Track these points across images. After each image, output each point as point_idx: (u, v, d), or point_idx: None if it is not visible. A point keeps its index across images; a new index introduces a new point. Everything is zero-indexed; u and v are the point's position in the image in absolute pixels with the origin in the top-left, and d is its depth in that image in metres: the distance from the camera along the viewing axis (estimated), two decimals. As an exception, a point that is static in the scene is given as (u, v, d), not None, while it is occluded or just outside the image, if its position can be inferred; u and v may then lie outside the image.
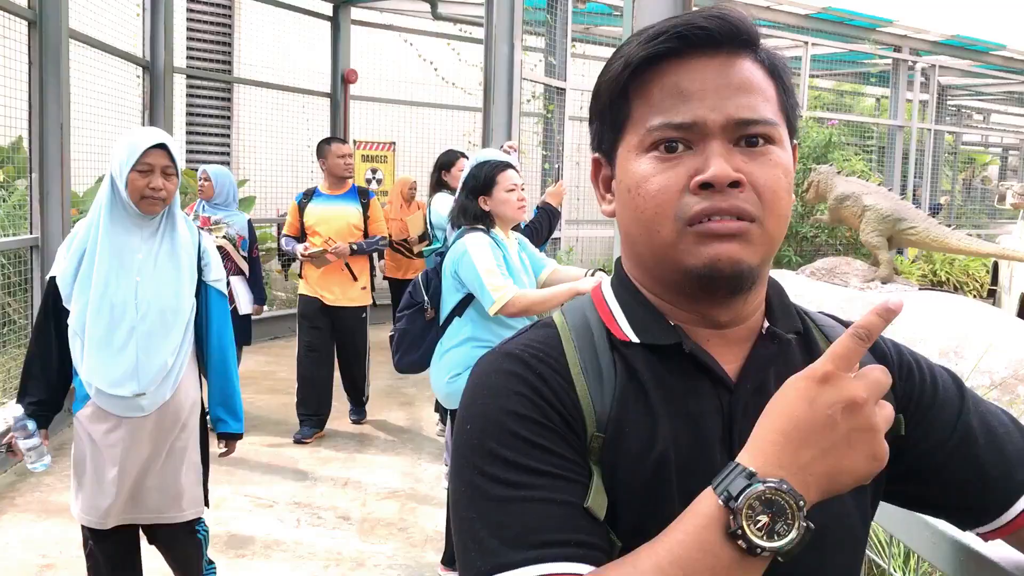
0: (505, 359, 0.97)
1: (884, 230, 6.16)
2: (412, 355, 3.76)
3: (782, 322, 1.06)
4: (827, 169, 6.71)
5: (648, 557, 0.81)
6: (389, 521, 4.63)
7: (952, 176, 17.41)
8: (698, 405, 0.98)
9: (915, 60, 12.32)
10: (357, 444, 5.88)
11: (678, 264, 0.95)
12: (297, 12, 10.22)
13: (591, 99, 1.05)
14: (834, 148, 10.26)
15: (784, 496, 0.79)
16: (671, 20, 0.97)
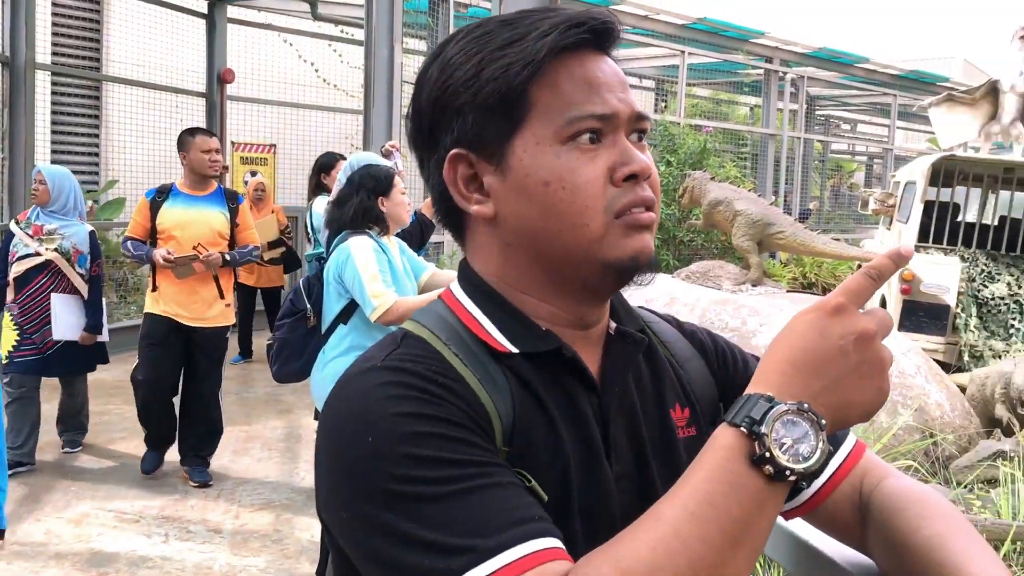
0: (389, 372, 0.87)
1: (754, 234, 6.38)
2: (293, 364, 3.64)
3: (627, 322, 1.05)
4: (701, 175, 6.90)
5: (672, 505, 0.78)
6: (263, 533, 4.50)
7: (821, 182, 18.18)
8: (582, 412, 0.96)
9: (785, 71, 12.82)
10: (231, 454, 5.71)
11: (600, 258, 0.93)
12: (170, 9, 9.89)
13: (450, 90, 0.94)
14: (709, 155, 10.58)
15: (806, 416, 0.79)
16: (577, 13, 0.95)
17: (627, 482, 0.98)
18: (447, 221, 1.02)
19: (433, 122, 0.96)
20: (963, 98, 8.77)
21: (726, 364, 1.14)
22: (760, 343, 5.56)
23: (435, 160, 0.97)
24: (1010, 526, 3.47)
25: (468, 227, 0.99)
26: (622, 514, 0.94)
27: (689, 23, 11.24)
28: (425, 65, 0.99)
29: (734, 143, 13.04)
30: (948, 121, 8.72)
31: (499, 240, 0.96)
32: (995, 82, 8.59)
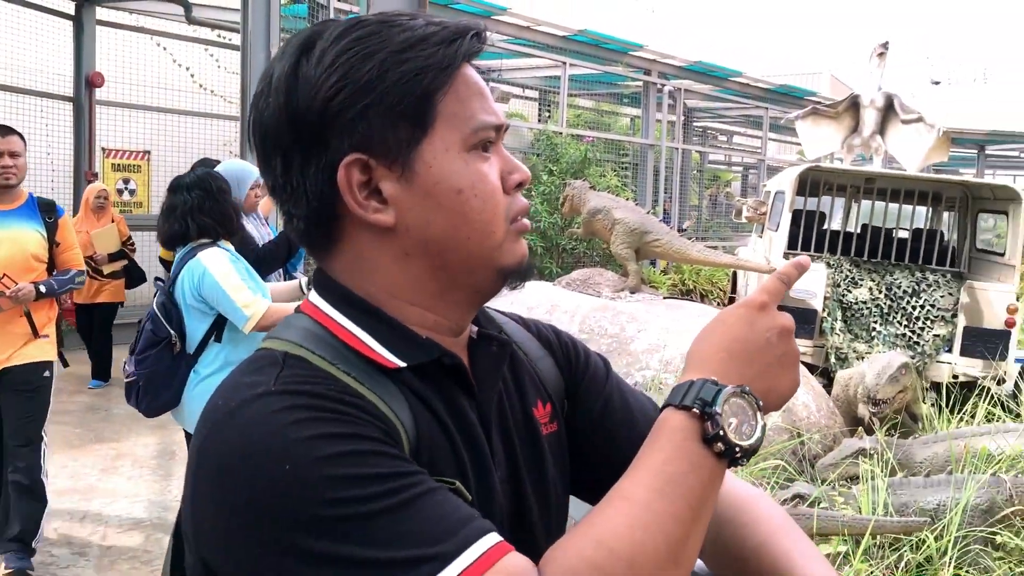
0: (289, 397, 0.81)
1: (632, 242, 6.51)
2: (166, 395, 3.37)
3: (487, 325, 1.06)
4: (580, 184, 7.00)
5: (639, 485, 0.81)
6: (132, 554, 4.33)
7: (699, 192, 18.73)
8: (470, 420, 0.95)
9: (663, 83, 13.17)
10: (99, 473, 5.47)
11: (497, 264, 0.94)
12: (35, 9, 9.44)
13: (349, 91, 0.89)
14: (591, 164, 10.76)
15: (747, 398, 0.86)
16: (467, 22, 0.95)
17: (504, 485, 0.98)
18: (318, 231, 0.94)
19: (324, 124, 0.89)
20: (827, 112, 9.19)
21: (570, 359, 1.16)
22: (638, 348, 5.68)
23: (319, 165, 0.91)
24: (870, 521, 3.63)
25: (345, 238, 0.94)
26: (501, 515, 0.95)
27: (570, 35, 11.42)
28: (289, 62, 0.91)
29: (615, 153, 13.30)
30: (813, 133, 9.12)
31: (394, 250, 0.93)
32: (856, 97, 9.04)
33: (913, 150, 8.79)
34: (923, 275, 7.51)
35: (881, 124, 8.86)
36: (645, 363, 5.59)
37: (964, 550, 3.74)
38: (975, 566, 3.70)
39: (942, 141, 8.74)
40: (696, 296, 12.00)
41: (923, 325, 7.30)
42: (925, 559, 3.73)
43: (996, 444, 4.65)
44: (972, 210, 8.32)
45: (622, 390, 1.17)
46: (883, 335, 7.31)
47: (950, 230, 8.66)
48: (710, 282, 12.32)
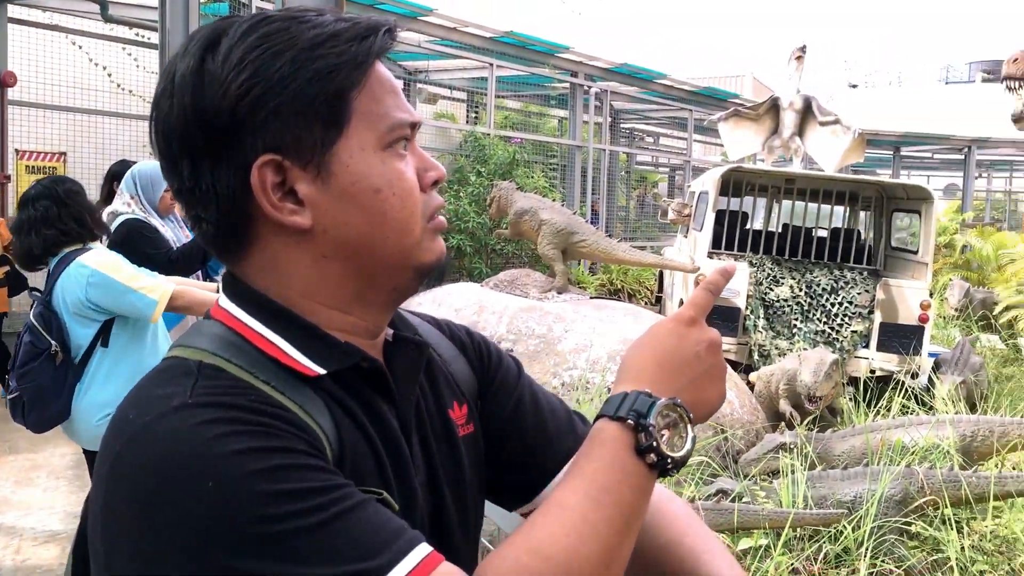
0: (209, 409, 0.78)
1: (558, 243, 6.55)
2: (53, 408, 3.20)
3: (402, 327, 1.05)
4: (507, 185, 7.02)
5: (574, 494, 0.83)
6: (48, 567, 4.19)
7: (627, 193, 18.93)
8: (391, 426, 0.94)
9: (590, 85, 13.27)
10: (12, 485, 5.29)
11: (415, 263, 0.94)
12: (-60, 5, 9.09)
13: (261, 89, 0.86)
14: (519, 165, 10.80)
15: (678, 410, 0.89)
16: (378, 18, 0.94)
17: (423, 489, 0.98)
18: (230, 234, 0.91)
19: (235, 124, 0.86)
20: (748, 114, 9.38)
21: (483, 359, 1.16)
22: (565, 348, 5.72)
23: (231, 167, 0.87)
24: (789, 514, 3.72)
25: (258, 241, 0.91)
26: (422, 521, 0.95)
27: (497, 36, 11.44)
28: (194, 60, 0.88)
29: (543, 154, 13.37)
30: (735, 135, 9.30)
31: (311, 252, 0.90)
32: (776, 99, 9.24)
33: (831, 151, 9.02)
34: (841, 273, 7.71)
35: (800, 126, 9.07)
36: (572, 363, 5.63)
37: (880, 540, 3.85)
38: (890, 555, 3.82)
39: (858, 142, 8.99)
40: (624, 296, 12.12)
41: (842, 322, 7.50)
42: (843, 550, 3.84)
43: (910, 436, 4.80)
44: (887, 209, 8.58)
45: (534, 391, 1.17)
46: (804, 332, 7.48)
47: (867, 229, 8.91)
48: (638, 282, 12.46)
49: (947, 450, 4.59)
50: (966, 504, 4.14)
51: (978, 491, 4.08)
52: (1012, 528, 3.97)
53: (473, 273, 9.75)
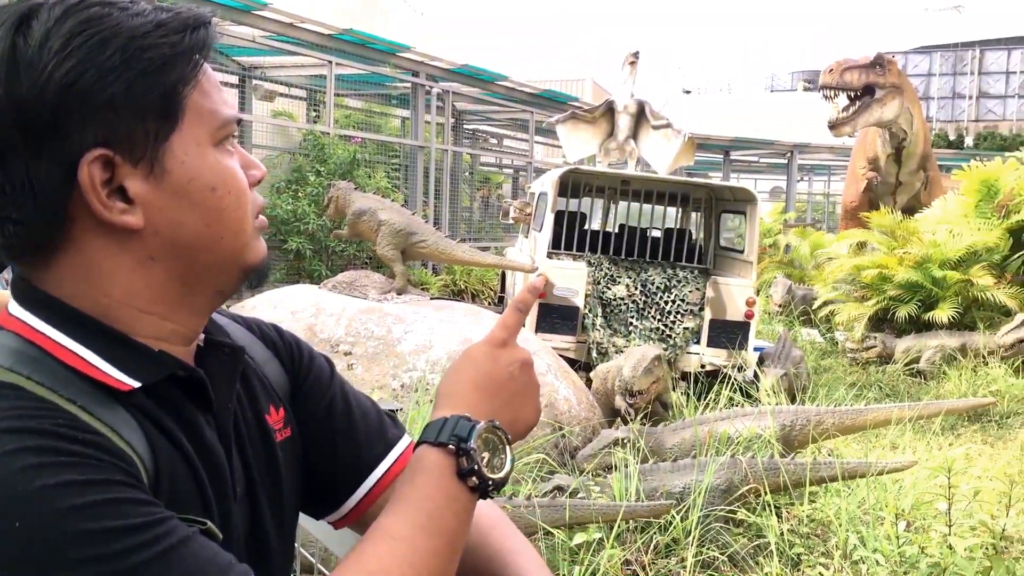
0: (11, 437, 0.71)
1: (398, 243, 6.49)
2: None
3: (216, 331, 1.00)
4: (345, 185, 6.90)
5: (402, 522, 0.83)
6: None
7: (471, 194, 19.04)
8: (208, 439, 0.88)
9: (432, 85, 13.25)
10: None
11: (243, 263, 0.90)
12: None
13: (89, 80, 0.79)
14: (359, 165, 10.65)
15: (497, 432, 0.90)
16: (199, 10, 0.87)
17: (241, 503, 0.93)
18: (42, 235, 0.82)
19: (59, 116, 0.78)
20: (585, 116, 9.61)
21: (294, 359, 1.13)
22: (405, 349, 5.67)
23: (53, 162, 0.79)
24: (620, 507, 3.80)
25: (72, 243, 0.83)
26: (238, 537, 0.91)
27: (336, 33, 11.25)
28: (2, 46, 0.79)
29: (385, 154, 13.25)
30: (573, 137, 9.51)
31: (135, 255, 0.84)
32: (611, 103, 9.51)
33: (663, 154, 9.36)
34: (674, 272, 7.99)
35: (634, 129, 9.36)
36: (412, 364, 5.59)
37: (707, 528, 4.00)
38: (716, 543, 3.97)
39: (688, 146, 9.36)
40: (467, 296, 12.17)
41: (674, 319, 7.77)
42: (672, 540, 3.96)
43: (735, 428, 5.02)
44: (716, 210, 8.97)
45: (345, 393, 1.14)
46: (639, 329, 7.71)
47: (698, 229, 9.28)
48: (481, 282, 12.53)
49: (768, 440, 4.82)
50: (785, 490, 4.36)
51: (795, 477, 4.31)
52: (826, 512, 4.20)
53: (313, 275, 9.54)
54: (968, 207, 10.04)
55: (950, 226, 9.90)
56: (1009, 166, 10.27)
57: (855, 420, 5.28)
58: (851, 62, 10.68)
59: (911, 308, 9.21)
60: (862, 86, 10.51)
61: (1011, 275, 9.50)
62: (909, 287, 9.33)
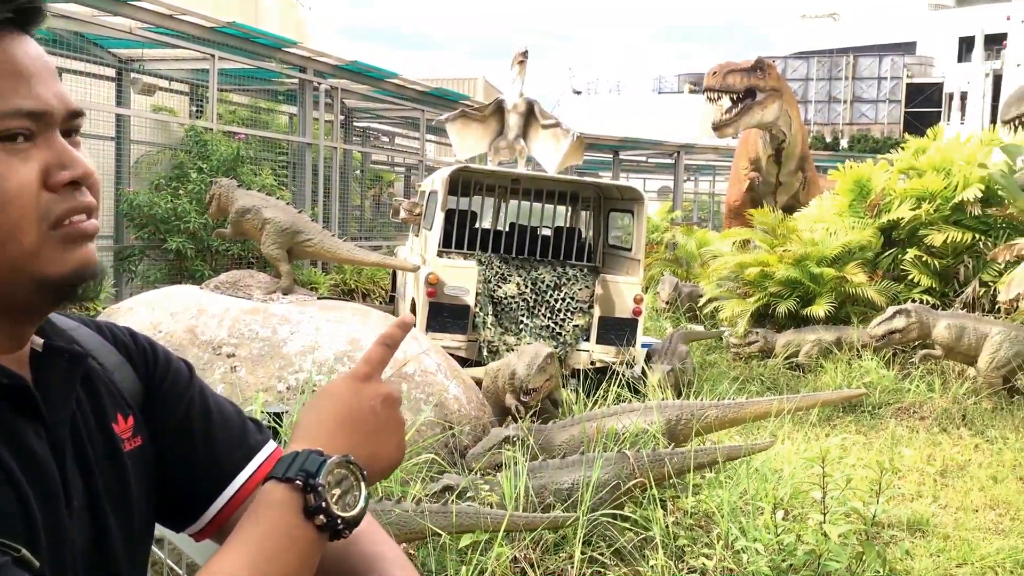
0: None
1: (283, 242, 6.35)
2: None
3: (57, 336, 0.93)
4: (228, 182, 6.71)
5: (239, 564, 0.76)
6: None
7: (362, 192, 18.80)
8: (35, 452, 0.81)
9: (320, 82, 13.02)
10: None
11: (36, 275, 0.80)
12: None
13: None
14: (244, 162, 10.38)
15: (351, 468, 0.86)
16: None
17: (81, 517, 0.86)
18: None
19: None
20: (475, 115, 9.60)
21: (147, 363, 1.06)
22: (291, 351, 5.54)
23: None
24: (505, 516, 3.78)
25: None
26: (77, 552, 0.84)
27: (219, 27, 10.92)
28: None
29: (272, 151, 12.94)
30: (462, 135, 9.49)
31: None
32: (501, 101, 9.53)
33: (552, 153, 9.43)
34: (564, 270, 8.06)
35: (524, 128, 9.40)
36: (299, 366, 5.47)
37: (595, 524, 4.04)
38: (603, 538, 4.01)
39: (577, 145, 9.46)
40: (358, 296, 12.02)
41: (564, 316, 7.84)
42: (561, 537, 3.98)
43: (622, 423, 5.09)
44: (604, 209, 9.09)
45: (205, 397, 1.08)
46: (530, 327, 7.75)
47: (587, 228, 9.40)
48: (372, 281, 12.39)
49: (655, 434, 4.91)
50: (669, 479, 4.45)
51: (679, 467, 4.40)
52: (709, 504, 4.30)
53: (196, 276, 9.24)
54: (843, 206, 10.48)
55: (827, 225, 10.31)
56: (880, 167, 10.77)
57: (737, 413, 5.42)
58: (733, 65, 10.99)
59: (791, 304, 9.55)
60: (744, 89, 10.83)
61: (882, 272, 9.95)
62: (789, 284, 9.67)
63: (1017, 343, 7.56)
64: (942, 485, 5.76)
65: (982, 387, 7.69)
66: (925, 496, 5.53)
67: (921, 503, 5.39)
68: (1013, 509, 5.31)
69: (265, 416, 4.63)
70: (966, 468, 6.09)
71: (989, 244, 9.43)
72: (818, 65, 53.49)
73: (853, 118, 52.55)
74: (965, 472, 6.01)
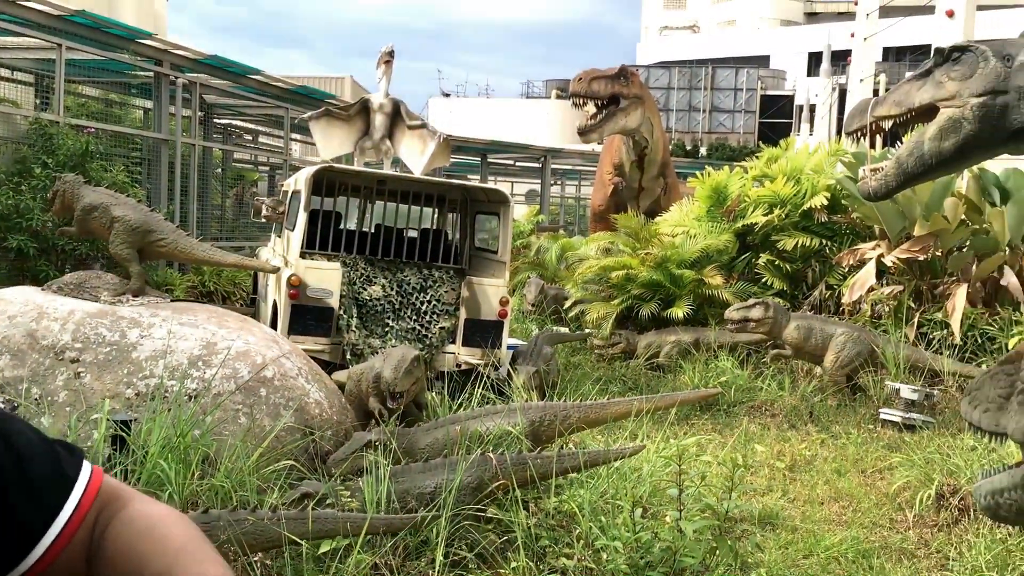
0: None
1: (133, 242, 6.05)
2: None
3: None
4: (73, 178, 6.35)
5: None
6: None
7: (224, 191, 18.20)
8: None
9: (177, 75, 12.52)
10: None
11: None
12: None
13: None
14: (93, 158, 9.87)
15: None
16: None
17: None
18: None
19: None
20: (340, 114, 9.43)
21: None
22: (141, 355, 5.29)
23: None
24: (365, 520, 3.70)
25: None
26: None
27: (66, 15, 10.35)
28: None
29: (126, 147, 12.35)
30: (327, 135, 9.30)
31: None
32: (367, 101, 9.39)
33: (419, 154, 9.37)
34: (430, 272, 8.01)
35: (390, 129, 9.30)
36: (149, 371, 5.22)
37: (457, 527, 4.01)
38: (466, 541, 3.99)
39: (443, 147, 9.42)
40: (218, 298, 11.61)
41: (430, 319, 7.79)
42: (422, 541, 3.94)
43: (486, 426, 5.08)
44: (471, 212, 9.09)
45: (11, 444, 0.98)
46: (395, 330, 7.66)
47: (453, 230, 9.37)
48: (232, 283, 12.00)
49: (518, 436, 4.92)
50: (533, 484, 4.46)
51: (542, 470, 4.42)
52: (572, 504, 4.34)
53: (39, 276, 8.70)
54: (701, 212, 10.83)
55: (686, 229, 10.64)
56: (735, 175, 11.19)
57: (599, 414, 5.51)
58: (598, 72, 11.19)
59: (652, 306, 9.80)
60: (608, 95, 11.03)
61: (737, 275, 10.34)
62: (651, 286, 9.92)
63: (859, 343, 7.98)
64: (791, 480, 6.01)
65: (828, 385, 8.09)
66: (775, 490, 5.75)
67: (771, 497, 5.60)
68: (855, 501, 5.59)
69: (111, 424, 4.40)
70: (813, 463, 6.38)
71: (834, 249, 9.94)
72: (679, 75, 55.29)
73: (711, 127, 54.58)
74: (812, 466, 6.29)
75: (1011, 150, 6.69)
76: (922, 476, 5.49)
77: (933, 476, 5.40)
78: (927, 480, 5.40)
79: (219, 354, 5.38)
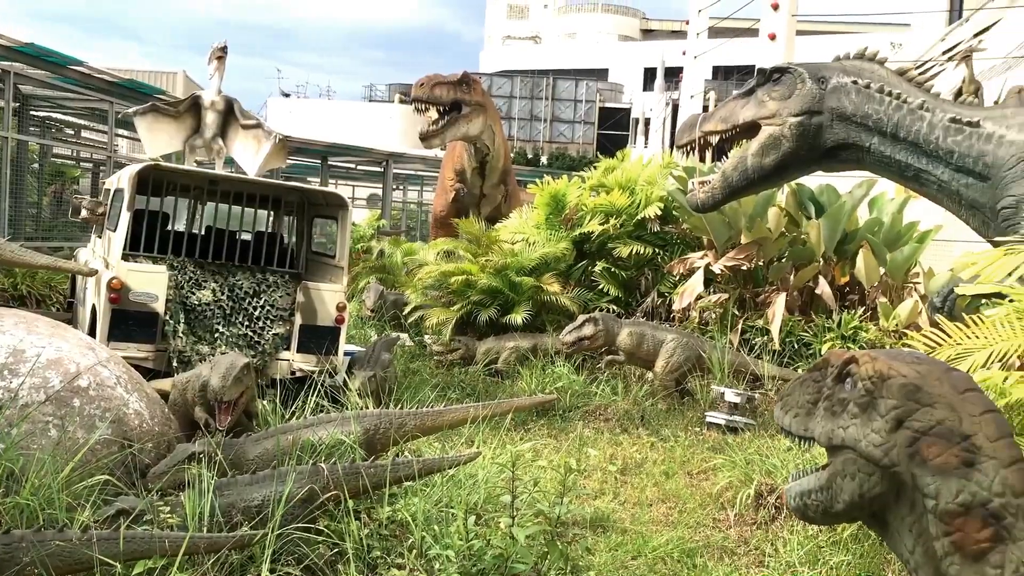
0: None
1: (-70, 241, 5.56)
2: None
3: None
4: None
5: None
6: None
7: (40, 188, 17.06)
8: None
9: (-12, 63, 11.65)
10: None
11: None
12: None
13: None
14: None
15: None
16: None
17: None
18: None
19: None
20: (168, 111, 9.00)
21: None
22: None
23: None
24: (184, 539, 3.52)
25: None
26: None
27: None
28: None
29: (-73, 138, 11.38)
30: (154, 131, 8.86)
31: None
32: (197, 98, 9.01)
33: (253, 155, 9.06)
34: (264, 276, 7.75)
35: (223, 127, 8.96)
36: (-54, 382, 4.79)
37: (286, 541, 3.87)
38: (295, 555, 3.86)
39: (279, 148, 9.15)
40: (31, 302, 10.86)
41: (264, 325, 7.54)
42: (248, 557, 3.78)
43: (319, 435, 4.94)
44: (308, 215, 8.87)
45: None
46: (226, 336, 7.37)
47: (290, 234, 9.12)
48: (48, 286, 11.26)
49: (352, 445, 4.82)
50: (365, 493, 4.37)
51: (376, 480, 4.34)
52: (405, 513, 4.28)
53: None
54: (541, 219, 10.99)
55: (526, 236, 10.76)
56: (574, 184, 11.43)
57: (436, 421, 5.47)
58: (441, 78, 11.17)
59: (492, 312, 9.85)
60: (450, 101, 11.03)
61: (574, 282, 10.55)
62: (490, 292, 9.97)
63: (688, 349, 8.29)
64: (622, 482, 6.16)
65: (658, 390, 8.36)
66: (607, 493, 5.88)
67: (603, 500, 5.72)
68: (681, 502, 5.79)
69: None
70: (643, 465, 6.57)
71: (666, 258, 10.29)
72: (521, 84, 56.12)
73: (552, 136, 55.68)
74: (642, 469, 6.47)
75: (825, 167, 7.16)
76: (743, 476, 5.74)
77: (753, 476, 5.66)
78: (747, 480, 5.65)
79: (27, 362, 5.00)
